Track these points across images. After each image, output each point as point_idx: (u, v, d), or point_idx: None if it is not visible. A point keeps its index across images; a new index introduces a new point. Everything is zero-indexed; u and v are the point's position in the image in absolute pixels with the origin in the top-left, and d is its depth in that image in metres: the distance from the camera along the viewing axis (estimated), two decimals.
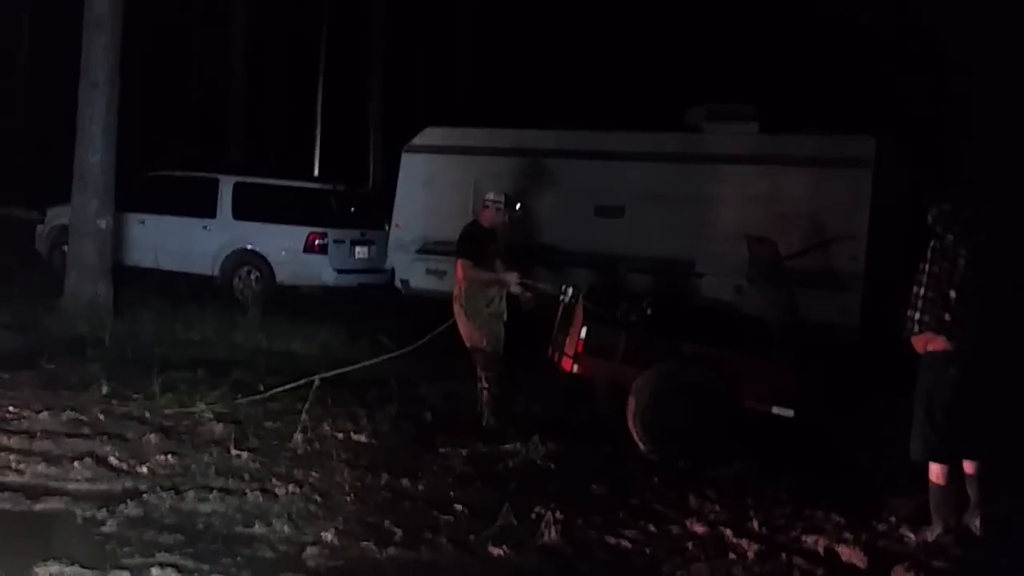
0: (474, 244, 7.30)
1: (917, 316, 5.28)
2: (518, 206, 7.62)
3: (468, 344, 7.32)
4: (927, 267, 5.30)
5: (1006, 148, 12.24)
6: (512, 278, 7.32)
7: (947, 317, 5.22)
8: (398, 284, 12.80)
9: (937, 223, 5.34)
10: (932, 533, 5.34)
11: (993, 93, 13.84)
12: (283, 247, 13.01)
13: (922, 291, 5.28)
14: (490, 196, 7.51)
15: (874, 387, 7.94)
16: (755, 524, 5.44)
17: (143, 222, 13.36)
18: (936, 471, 5.34)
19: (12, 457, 5.64)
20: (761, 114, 11.13)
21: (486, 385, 7.24)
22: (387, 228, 13.25)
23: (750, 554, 4.99)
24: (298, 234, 12.90)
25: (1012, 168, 11.31)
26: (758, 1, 21.60)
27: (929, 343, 5.30)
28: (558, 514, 5.17)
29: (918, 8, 15.92)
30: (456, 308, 7.34)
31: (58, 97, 13.10)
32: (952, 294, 5.21)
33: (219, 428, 6.55)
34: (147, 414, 6.81)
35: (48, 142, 17.40)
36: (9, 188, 20.45)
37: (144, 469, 5.63)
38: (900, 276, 9.63)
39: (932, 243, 5.35)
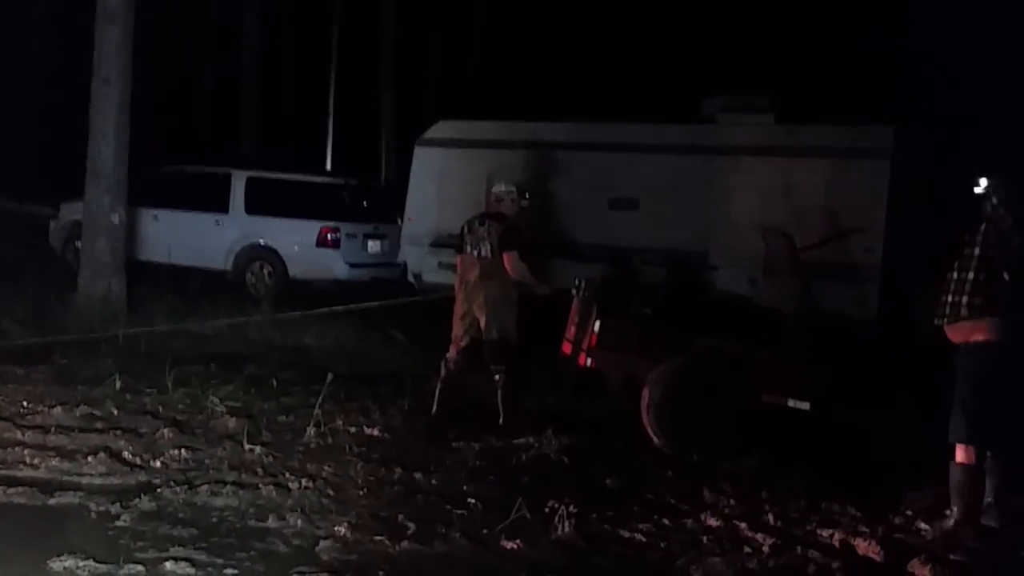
0: (523, 239, 7.26)
1: (966, 300, 5.22)
2: (527, 195, 7.59)
3: (497, 336, 7.11)
4: (978, 250, 5.24)
5: None
6: (545, 289, 7.33)
7: (1000, 299, 5.18)
8: (410, 278, 12.76)
9: (1001, 205, 5.29)
10: (950, 520, 5.29)
11: (1016, 82, 13.69)
12: (296, 241, 13.02)
13: (971, 275, 5.22)
14: (501, 188, 7.43)
15: (891, 379, 7.87)
16: (770, 518, 5.42)
17: (156, 217, 13.40)
18: (963, 452, 5.28)
19: (26, 452, 5.66)
20: (777, 105, 11.03)
21: (505, 378, 7.14)
22: (400, 222, 13.23)
23: (765, 548, 4.96)
24: (310, 228, 12.91)
25: None
26: None
27: (975, 330, 5.24)
28: (572, 508, 5.16)
29: None
30: (499, 299, 7.15)
31: (71, 92, 13.11)
32: (1006, 276, 5.18)
33: (232, 422, 6.55)
34: (160, 408, 6.82)
35: (61, 138, 17.45)
36: (23, 184, 20.53)
37: (158, 463, 5.64)
38: (918, 268, 9.63)
39: (984, 226, 5.30)
